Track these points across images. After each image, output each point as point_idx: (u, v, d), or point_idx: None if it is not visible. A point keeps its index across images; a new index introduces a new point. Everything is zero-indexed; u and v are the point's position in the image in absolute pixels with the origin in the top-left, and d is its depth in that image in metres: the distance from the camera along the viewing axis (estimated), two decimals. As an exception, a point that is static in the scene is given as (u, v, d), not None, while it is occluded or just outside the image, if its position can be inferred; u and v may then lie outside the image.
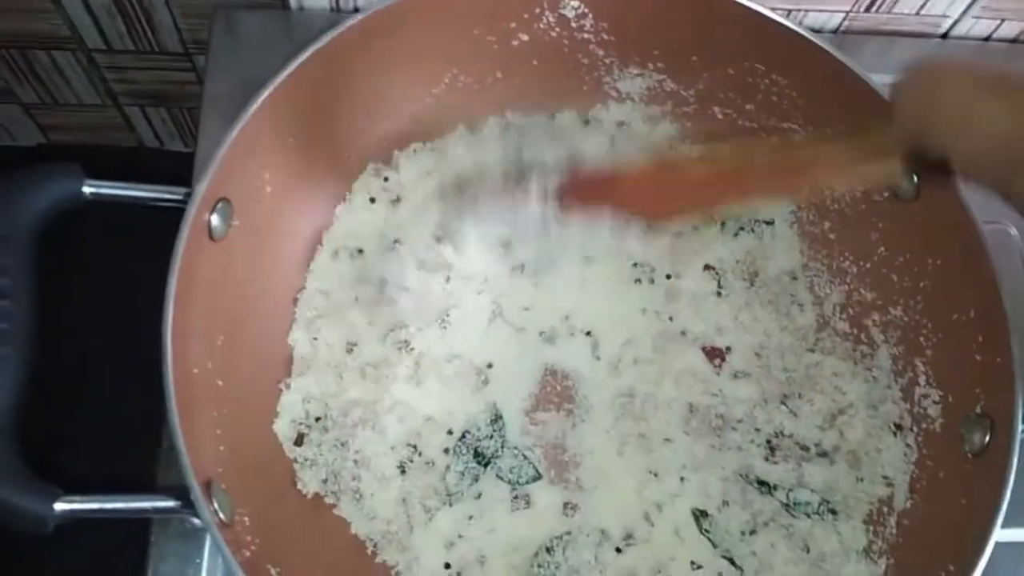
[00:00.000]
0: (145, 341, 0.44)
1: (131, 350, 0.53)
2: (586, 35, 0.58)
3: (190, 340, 0.46)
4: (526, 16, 0.56)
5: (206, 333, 0.49)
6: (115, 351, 0.69)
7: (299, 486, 0.52)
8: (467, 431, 0.55)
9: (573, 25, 0.58)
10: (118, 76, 0.82)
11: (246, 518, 0.46)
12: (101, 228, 0.60)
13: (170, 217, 0.47)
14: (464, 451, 0.55)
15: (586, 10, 0.57)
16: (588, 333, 0.58)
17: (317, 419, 0.54)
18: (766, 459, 0.55)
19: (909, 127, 0.33)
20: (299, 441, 0.53)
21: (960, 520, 0.46)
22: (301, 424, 0.54)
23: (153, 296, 0.44)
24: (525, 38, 0.58)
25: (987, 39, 0.75)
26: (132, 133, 0.91)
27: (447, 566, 0.52)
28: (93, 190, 0.45)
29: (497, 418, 0.56)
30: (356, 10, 0.70)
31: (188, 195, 0.46)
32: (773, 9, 0.54)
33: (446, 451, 0.55)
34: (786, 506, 0.54)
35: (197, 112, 0.64)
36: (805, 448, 0.55)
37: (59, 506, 0.41)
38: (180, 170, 0.56)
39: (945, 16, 0.72)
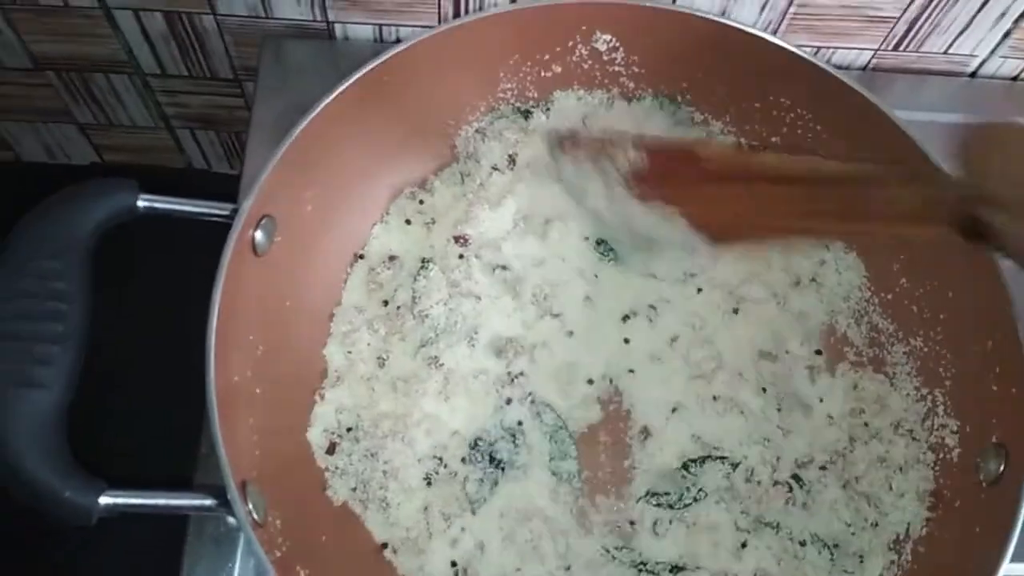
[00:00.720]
0: (188, 349, 0.47)
1: (174, 357, 0.56)
2: (617, 68, 0.60)
3: (232, 349, 0.48)
4: (558, 49, 0.59)
5: (247, 343, 0.51)
6: (158, 358, 0.72)
7: (329, 492, 0.54)
8: (479, 438, 0.57)
9: (605, 58, 0.60)
10: (170, 100, 0.85)
11: (278, 521, 0.48)
12: (152, 241, 0.63)
13: (216, 233, 0.50)
14: (480, 458, 0.56)
15: (618, 44, 0.59)
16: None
17: (348, 429, 0.56)
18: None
19: (970, 190, 0.32)
20: (331, 450, 0.55)
21: (974, 547, 0.47)
22: (333, 434, 0.56)
23: (198, 307, 0.47)
24: (558, 70, 0.60)
25: (1015, 79, 0.76)
26: (181, 154, 0.95)
27: (453, 564, 0.54)
28: (147, 204, 0.48)
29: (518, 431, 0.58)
30: (398, 40, 0.73)
31: (235, 211, 0.49)
32: (800, 46, 0.56)
33: (463, 460, 0.56)
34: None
35: (244, 135, 0.68)
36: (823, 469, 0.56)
37: (103, 500, 0.43)
38: (225, 191, 0.59)
39: (973, 55, 0.73)
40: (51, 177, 1.00)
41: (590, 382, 0.58)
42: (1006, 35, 0.71)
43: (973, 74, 0.76)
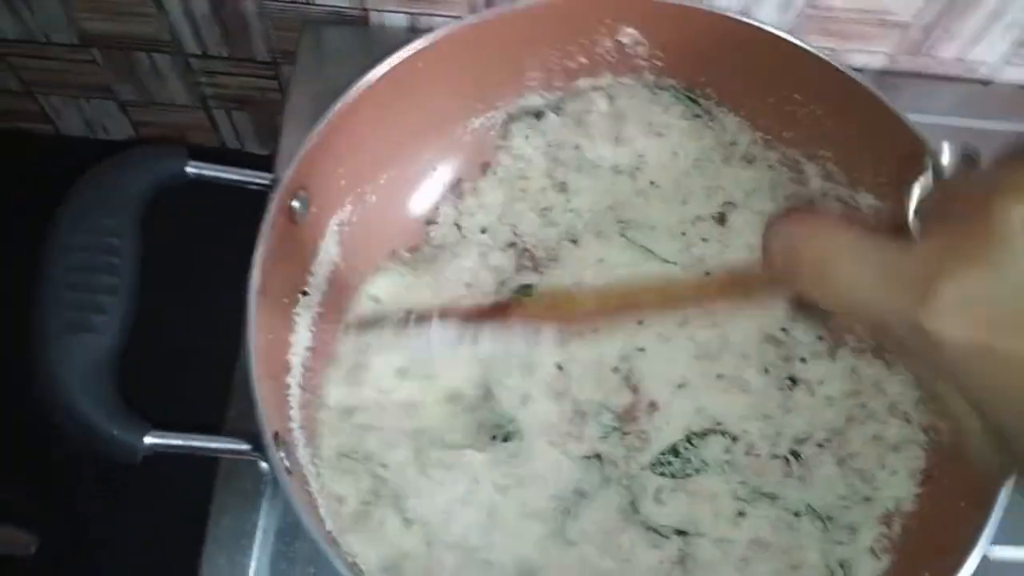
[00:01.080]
0: (229, 307, 0.50)
1: (216, 316, 0.59)
2: (641, 61, 0.63)
3: (270, 311, 0.52)
4: (584, 41, 0.62)
5: (282, 304, 0.55)
6: (201, 315, 0.76)
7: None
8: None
9: (628, 51, 0.63)
10: (209, 80, 0.89)
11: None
12: (196, 209, 0.67)
13: (254, 206, 0.53)
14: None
15: (642, 38, 0.62)
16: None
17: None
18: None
19: (779, 278, 0.34)
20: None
21: (959, 522, 0.49)
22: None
23: (240, 267, 0.50)
24: (584, 61, 0.64)
25: (1028, 86, 0.78)
26: (216, 133, 0.99)
27: None
28: (195, 170, 0.51)
29: None
30: (431, 30, 0.76)
31: (275, 180, 0.52)
32: (817, 47, 0.58)
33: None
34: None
35: (279, 117, 0.71)
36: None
37: (148, 439, 0.46)
38: (258, 169, 0.62)
39: (983, 62, 0.76)
40: (89, 151, 1.04)
41: (615, 370, 0.62)
42: (1020, 44, 0.73)
43: (987, 81, 0.78)
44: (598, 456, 0.59)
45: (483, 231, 0.66)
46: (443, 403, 0.61)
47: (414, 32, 0.77)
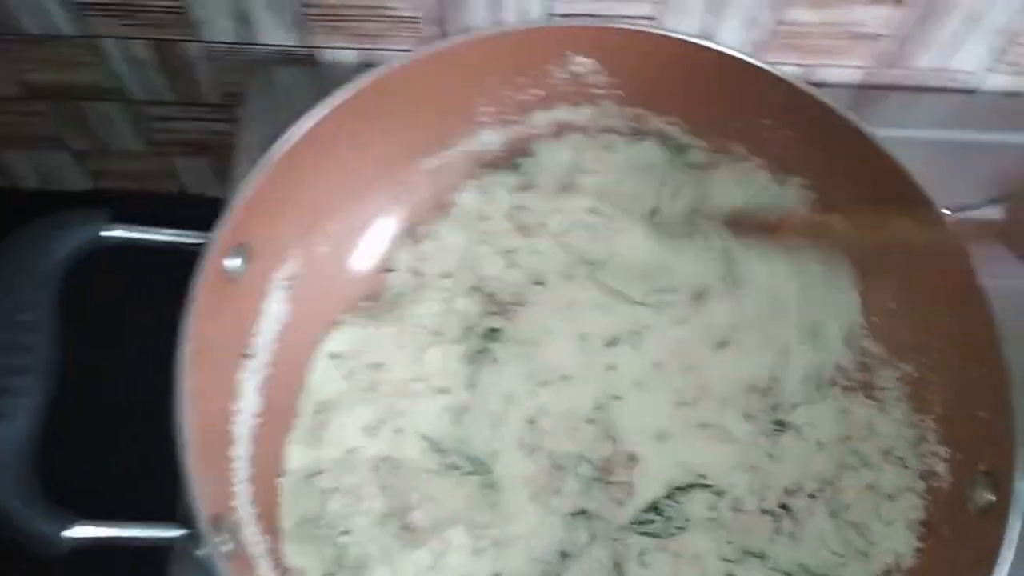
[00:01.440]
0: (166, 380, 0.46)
1: (152, 388, 0.55)
2: (598, 91, 0.60)
3: (206, 380, 0.48)
4: (536, 72, 0.58)
5: (223, 375, 0.51)
6: (136, 389, 0.72)
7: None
8: None
9: (586, 81, 0.59)
10: (162, 126, 0.85)
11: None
12: (131, 268, 0.63)
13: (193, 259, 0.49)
14: None
15: (598, 66, 0.58)
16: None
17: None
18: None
19: None
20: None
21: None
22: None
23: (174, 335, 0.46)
24: (541, 93, 0.60)
25: (1011, 94, 0.75)
26: (175, 180, 0.95)
27: None
28: (114, 234, 0.48)
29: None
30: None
31: (207, 239, 0.49)
32: (786, 65, 0.55)
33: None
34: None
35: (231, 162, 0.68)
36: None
37: (73, 531, 0.42)
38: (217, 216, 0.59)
39: (966, 71, 0.72)
40: (47, 203, 1.00)
41: (591, 421, 0.58)
42: (1001, 52, 0.70)
43: (970, 90, 0.74)
44: (583, 512, 0.55)
45: (444, 276, 0.62)
46: (416, 457, 0.57)
47: (365, 67, 0.74)
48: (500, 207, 0.62)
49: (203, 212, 0.52)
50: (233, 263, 0.50)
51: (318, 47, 0.71)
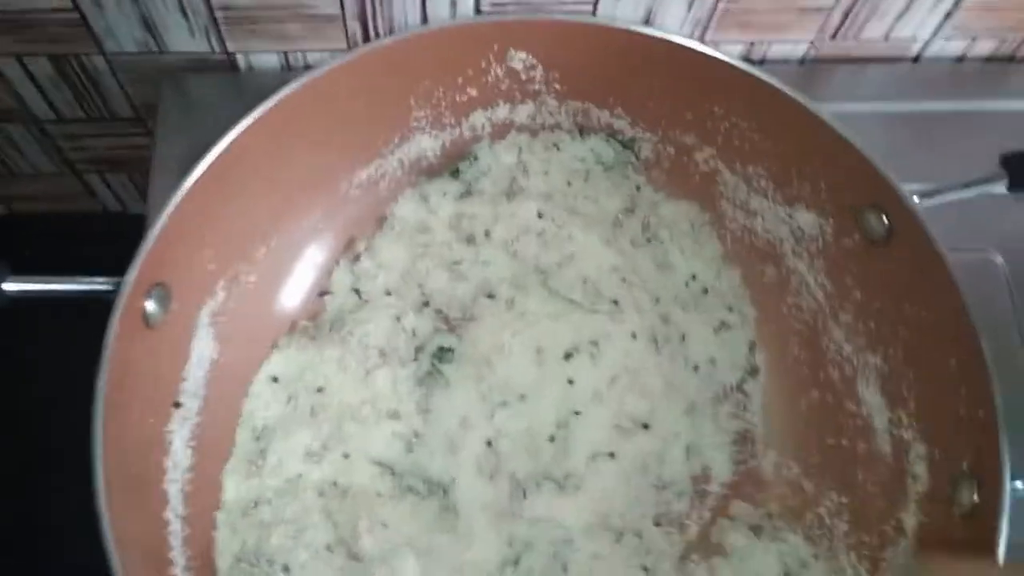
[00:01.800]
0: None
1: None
2: (537, 86, 0.56)
3: (129, 434, 0.44)
4: (471, 72, 0.54)
5: (148, 425, 0.46)
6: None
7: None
8: None
9: (523, 77, 0.55)
10: (72, 144, 0.80)
11: None
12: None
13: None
14: None
15: (535, 61, 0.55)
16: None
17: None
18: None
19: None
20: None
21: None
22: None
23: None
24: (474, 93, 0.56)
25: (960, 59, 0.73)
26: (93, 199, 0.89)
27: None
28: (16, 287, 0.43)
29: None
30: (307, 67, 0.68)
31: (118, 284, 0.44)
32: (732, 42, 0.52)
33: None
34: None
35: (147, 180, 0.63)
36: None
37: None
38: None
39: (914, 39, 0.70)
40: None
41: (552, 439, 0.55)
42: (947, 15, 0.67)
43: (916, 58, 0.72)
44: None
45: (388, 293, 0.58)
46: (366, 483, 0.54)
47: (289, 72, 0.69)
48: (442, 217, 0.59)
49: (127, 230, 0.47)
50: (151, 305, 0.46)
51: (235, 52, 0.66)
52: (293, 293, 0.57)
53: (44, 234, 0.90)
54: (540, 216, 0.58)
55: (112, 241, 0.50)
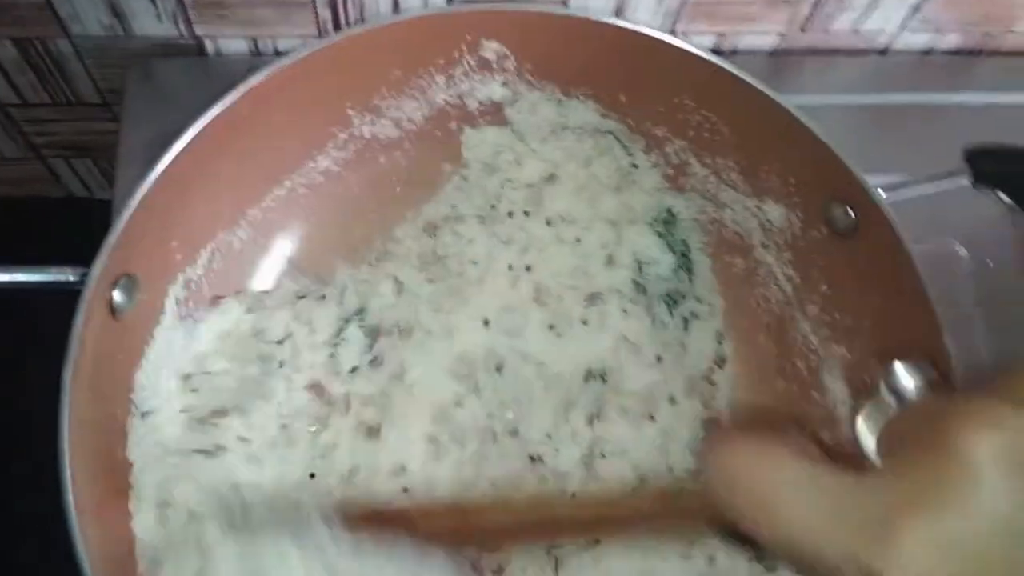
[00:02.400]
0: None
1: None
2: (509, 76, 0.56)
3: (93, 431, 0.43)
4: (442, 61, 0.54)
5: (108, 418, 0.46)
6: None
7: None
8: None
9: (495, 67, 0.55)
10: (37, 129, 0.78)
11: None
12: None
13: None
14: None
15: (507, 52, 0.54)
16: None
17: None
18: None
19: (715, 505, 0.31)
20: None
21: None
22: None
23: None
24: (442, 82, 0.56)
25: (927, 52, 0.74)
26: (59, 184, 0.88)
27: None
28: (-23, 280, 0.42)
29: None
30: (277, 53, 0.68)
31: (85, 275, 0.44)
32: (700, 34, 0.52)
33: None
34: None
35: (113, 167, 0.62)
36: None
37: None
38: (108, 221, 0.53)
39: (882, 31, 0.71)
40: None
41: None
42: (915, 8, 0.68)
43: (883, 51, 0.73)
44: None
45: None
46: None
47: (258, 57, 0.68)
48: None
49: (94, 215, 0.46)
50: (118, 296, 0.45)
51: (204, 37, 0.65)
52: (263, 282, 0.56)
53: (6, 219, 0.89)
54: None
55: (77, 226, 0.49)
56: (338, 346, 0.54)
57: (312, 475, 0.52)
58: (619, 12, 0.64)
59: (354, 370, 0.54)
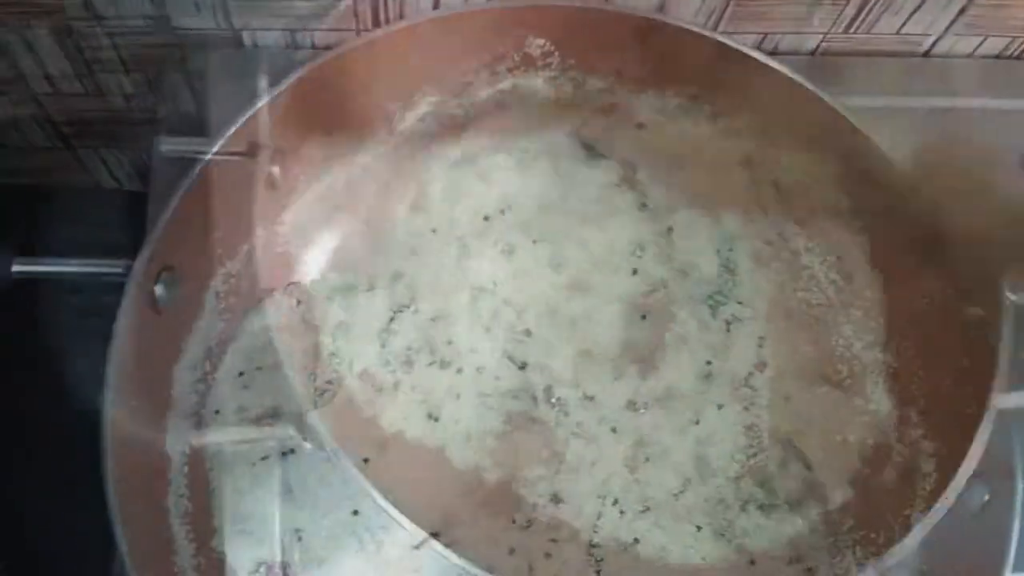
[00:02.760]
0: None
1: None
2: (552, 72, 0.55)
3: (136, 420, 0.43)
4: (488, 57, 0.54)
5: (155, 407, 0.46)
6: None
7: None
8: None
9: (539, 63, 0.55)
10: (67, 119, 0.78)
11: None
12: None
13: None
14: None
15: (552, 47, 0.54)
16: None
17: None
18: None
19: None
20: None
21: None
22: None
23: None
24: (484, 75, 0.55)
25: (970, 56, 0.72)
26: (87, 174, 0.88)
27: None
28: (22, 269, 0.42)
29: None
30: (313, 46, 0.67)
31: (128, 267, 0.43)
32: (744, 34, 0.51)
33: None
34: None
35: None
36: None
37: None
38: (138, 211, 0.52)
39: (926, 35, 0.70)
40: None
41: None
42: (961, 11, 0.67)
43: (926, 53, 0.72)
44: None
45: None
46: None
47: (295, 50, 0.68)
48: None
49: (125, 206, 0.46)
50: (160, 289, 0.45)
51: (241, 29, 0.65)
52: (307, 273, 0.56)
53: (34, 208, 0.89)
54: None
55: (106, 217, 0.49)
56: (388, 336, 0.54)
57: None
58: (662, 9, 0.64)
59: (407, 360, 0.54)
